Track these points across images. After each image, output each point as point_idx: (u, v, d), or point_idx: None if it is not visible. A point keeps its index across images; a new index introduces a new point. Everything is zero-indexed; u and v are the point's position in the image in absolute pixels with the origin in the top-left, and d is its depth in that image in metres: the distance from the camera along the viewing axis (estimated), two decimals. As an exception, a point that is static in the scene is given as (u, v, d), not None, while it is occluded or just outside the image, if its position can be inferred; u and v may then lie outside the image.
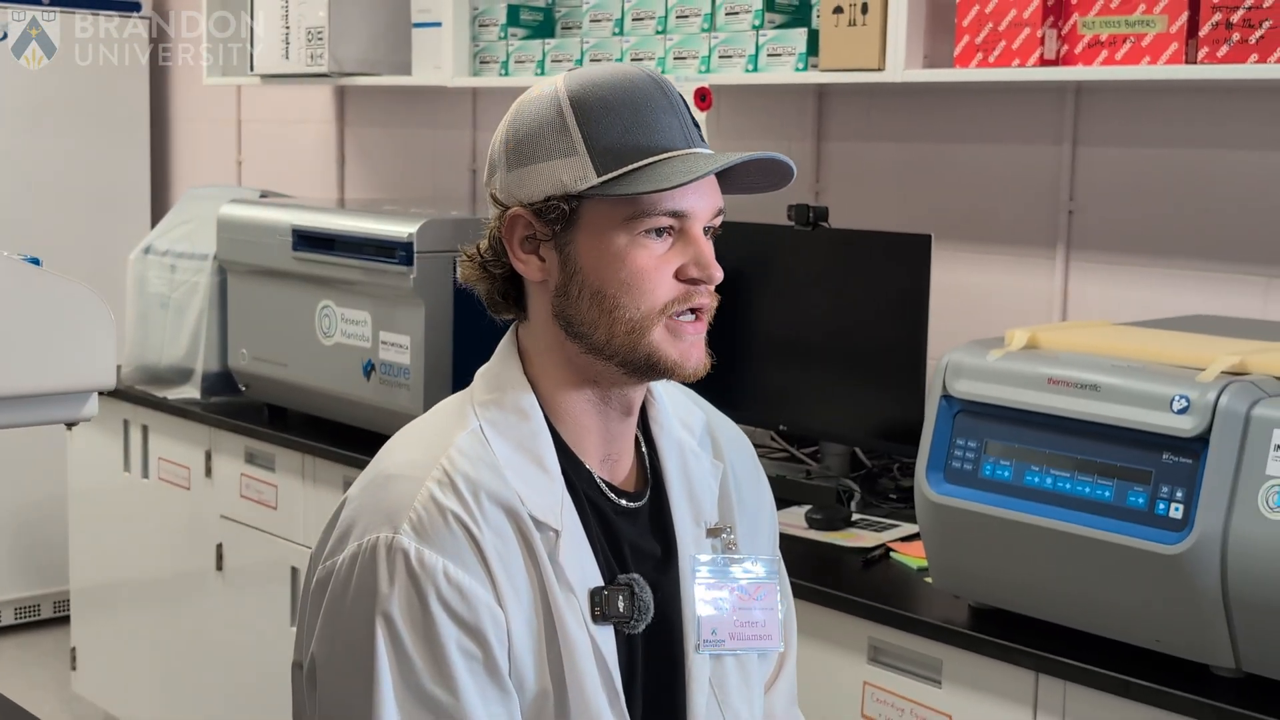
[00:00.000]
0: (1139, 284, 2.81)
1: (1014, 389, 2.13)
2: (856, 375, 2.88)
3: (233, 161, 4.98)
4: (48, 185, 4.92)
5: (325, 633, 1.42)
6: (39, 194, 4.90)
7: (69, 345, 1.65)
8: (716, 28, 3.03)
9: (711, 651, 1.52)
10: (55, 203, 4.93)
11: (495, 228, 1.48)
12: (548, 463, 1.45)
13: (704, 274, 1.43)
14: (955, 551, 2.22)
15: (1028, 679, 2.13)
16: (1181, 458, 1.95)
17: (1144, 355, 2.07)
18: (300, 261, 3.40)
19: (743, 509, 1.61)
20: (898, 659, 2.31)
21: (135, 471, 3.98)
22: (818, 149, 3.27)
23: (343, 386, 3.33)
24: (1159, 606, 1.98)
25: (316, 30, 3.83)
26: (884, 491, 2.90)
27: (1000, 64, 2.58)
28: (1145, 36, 2.41)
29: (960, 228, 3.05)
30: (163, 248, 3.93)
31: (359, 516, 1.43)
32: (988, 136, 3.01)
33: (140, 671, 4.06)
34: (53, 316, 1.63)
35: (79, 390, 1.69)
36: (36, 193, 4.89)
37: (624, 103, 1.41)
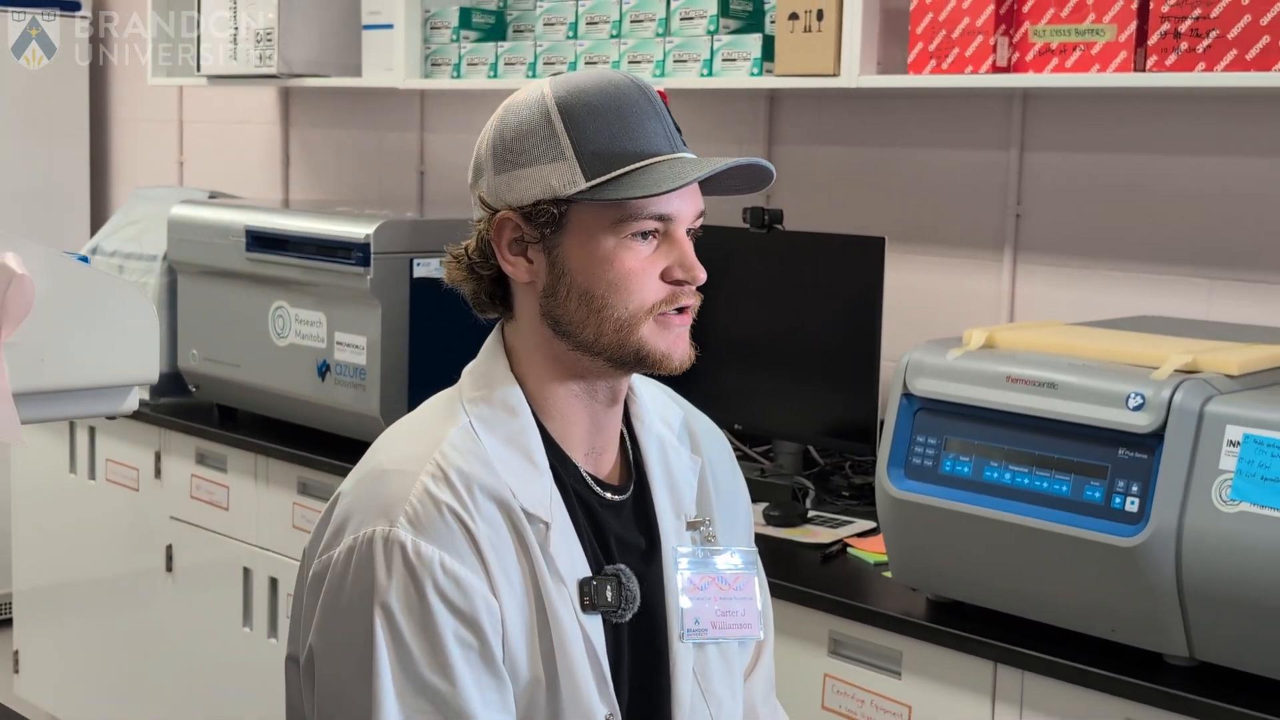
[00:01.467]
0: (1084, 286, 2.88)
1: (973, 387, 2.18)
2: (810, 375, 2.93)
3: (174, 162, 4.96)
4: (-13, 185, 4.88)
5: (323, 625, 1.45)
6: (-22, 194, 4.86)
7: (117, 341, 1.68)
8: (671, 32, 3.08)
9: (695, 640, 1.57)
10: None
11: (483, 230, 1.52)
12: (536, 457, 1.49)
13: (688, 275, 1.48)
14: (915, 545, 2.27)
15: (986, 669, 2.19)
16: (1137, 453, 2.01)
17: (1099, 354, 2.14)
18: (254, 262, 3.40)
19: (720, 502, 1.66)
20: (858, 651, 2.36)
21: (82, 473, 3.96)
22: (769, 153, 3.33)
23: (296, 387, 3.34)
24: (1115, 598, 2.04)
25: (265, 31, 3.83)
26: (837, 489, 2.95)
27: (953, 70, 2.64)
28: (1095, 45, 2.48)
29: (911, 231, 3.11)
30: (110, 248, 3.92)
31: (354, 510, 1.46)
32: (938, 142, 3.08)
33: (86, 674, 4.04)
34: (101, 313, 1.67)
35: (126, 384, 1.73)
36: (-25, 193, 4.86)
37: (610, 108, 1.45)
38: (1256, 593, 1.90)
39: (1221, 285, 2.71)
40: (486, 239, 1.51)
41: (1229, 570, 1.92)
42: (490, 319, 1.58)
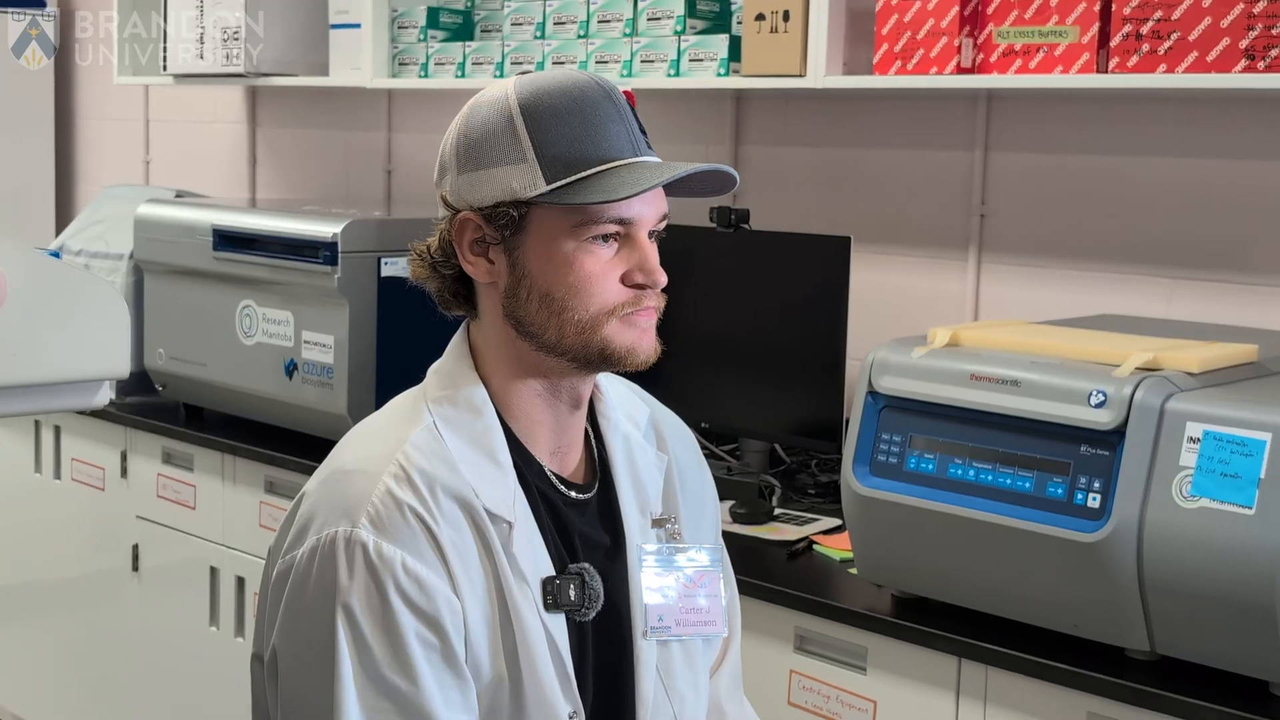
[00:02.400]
0: (1048, 285, 2.91)
1: (938, 385, 2.20)
2: (776, 374, 2.95)
3: (140, 161, 4.95)
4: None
5: (286, 625, 1.46)
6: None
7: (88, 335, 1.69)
8: (638, 33, 3.09)
9: (658, 638, 1.58)
10: (-42, 202, 4.87)
11: (445, 230, 1.52)
12: (500, 456, 1.50)
13: (649, 279, 1.49)
14: (880, 542, 2.29)
15: (950, 664, 2.21)
16: (1099, 450, 2.04)
17: (1062, 352, 2.16)
18: (221, 261, 3.40)
19: (686, 499, 1.67)
20: (823, 647, 2.38)
21: (47, 473, 3.95)
22: (735, 153, 3.34)
23: (264, 386, 3.34)
24: (1077, 593, 2.06)
25: (233, 30, 3.83)
26: (803, 487, 2.97)
27: (918, 71, 2.66)
28: (1058, 46, 2.51)
29: (876, 231, 3.13)
30: (76, 247, 3.90)
31: (317, 511, 1.47)
32: (904, 142, 3.10)
33: (53, 674, 4.02)
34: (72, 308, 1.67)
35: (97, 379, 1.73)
36: (-62, 191, 4.84)
37: (573, 111, 1.46)
38: (1216, 587, 1.92)
39: (1183, 285, 2.74)
40: (448, 238, 1.52)
41: (1189, 565, 1.94)
42: (457, 317, 1.59)
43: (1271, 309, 2.63)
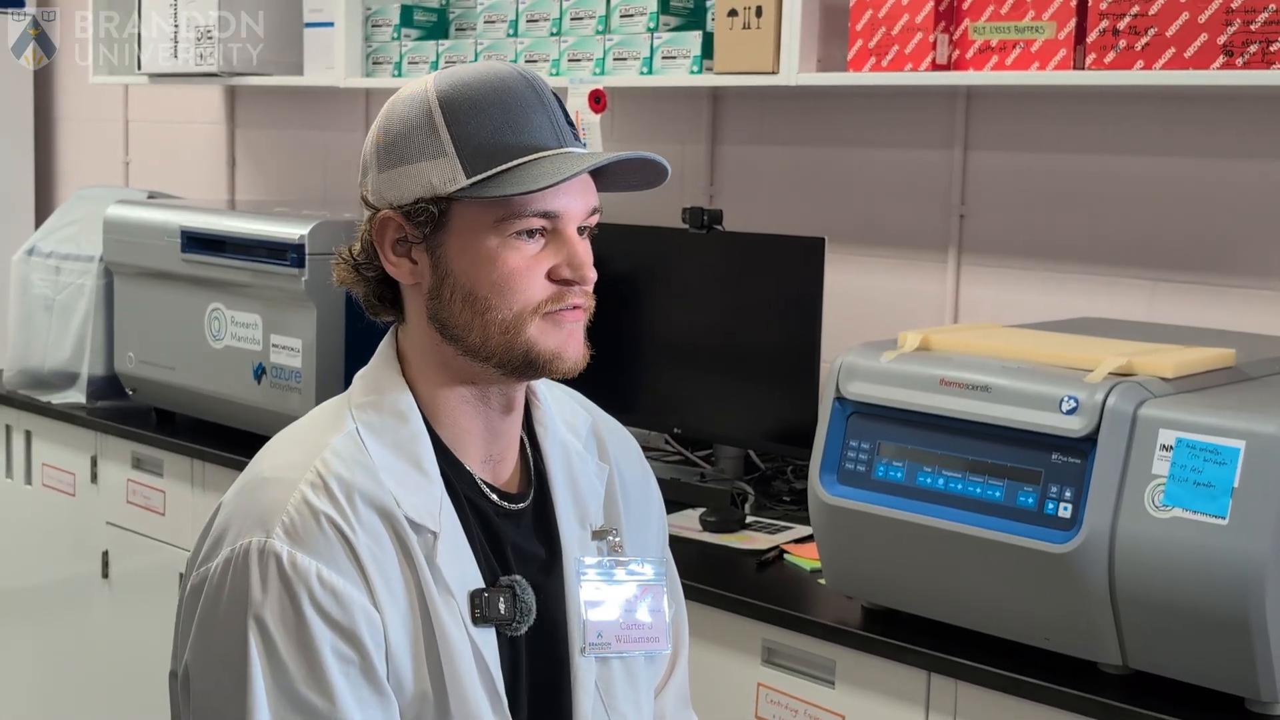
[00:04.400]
0: (1028, 287, 2.84)
1: (906, 390, 2.14)
2: (750, 378, 2.89)
3: (120, 162, 4.89)
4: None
5: (199, 640, 1.40)
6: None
7: None
8: (611, 30, 3.03)
9: (597, 654, 1.51)
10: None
11: (366, 230, 1.46)
12: (426, 465, 1.43)
13: (576, 275, 1.42)
14: (848, 552, 2.23)
15: (920, 678, 2.15)
16: (1070, 458, 1.97)
17: (1034, 357, 2.09)
18: (189, 263, 3.34)
19: (629, 511, 1.60)
20: (791, 660, 2.32)
21: (18, 478, 3.89)
22: (712, 152, 3.28)
23: (233, 390, 3.28)
24: (1048, 605, 2.00)
25: (206, 29, 3.77)
26: (778, 494, 2.91)
27: (893, 68, 2.60)
28: (1035, 42, 2.44)
29: (853, 231, 3.07)
30: (47, 249, 3.85)
31: (232, 521, 1.41)
32: (881, 141, 3.04)
33: (22, 681, 3.97)
34: None
35: None
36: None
37: (494, 102, 1.40)
38: (1189, 600, 1.86)
39: (1164, 286, 2.67)
40: (370, 240, 1.46)
41: (1162, 577, 1.88)
42: (385, 322, 1.53)
43: (1255, 310, 2.57)
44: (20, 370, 3.86)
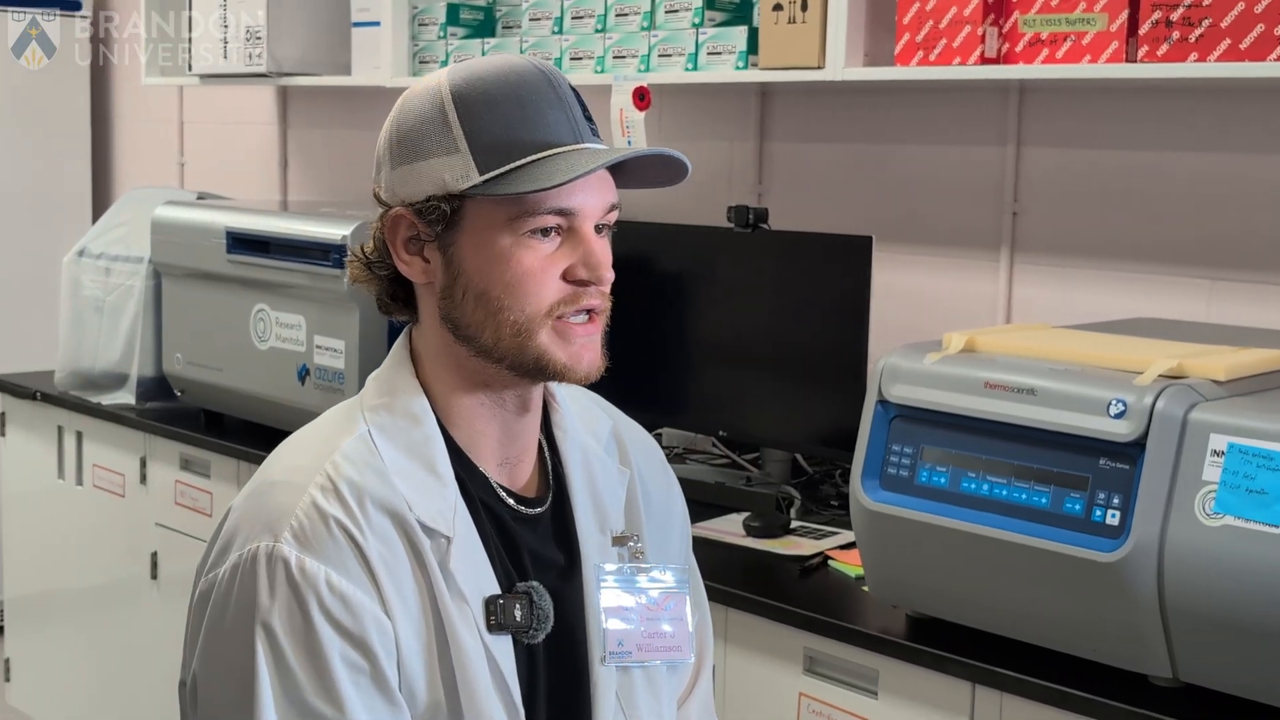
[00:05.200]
0: (1083, 287, 2.77)
1: (950, 393, 2.08)
2: (797, 380, 2.83)
3: (175, 163, 4.90)
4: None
5: (206, 648, 1.36)
6: (-22, 195, 4.82)
7: None
8: (656, 26, 2.98)
9: (617, 664, 1.47)
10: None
11: (378, 228, 1.43)
12: (439, 467, 1.39)
13: (593, 275, 1.37)
14: (891, 560, 2.17)
15: (964, 690, 2.08)
16: (1118, 463, 1.91)
17: (1082, 359, 2.03)
18: (235, 264, 3.33)
19: (650, 516, 1.56)
20: (833, 669, 2.26)
21: (69, 478, 3.89)
22: (760, 149, 3.23)
23: (278, 391, 3.26)
24: (1096, 615, 1.93)
25: (255, 30, 3.76)
26: (825, 498, 2.85)
27: (940, 62, 2.54)
28: (1086, 35, 2.37)
29: (903, 230, 3.00)
30: (97, 250, 3.85)
31: (240, 526, 1.37)
32: (931, 137, 2.97)
33: (74, 682, 3.97)
34: None
35: None
36: (-25, 194, 4.81)
37: (508, 97, 1.36)
38: (1241, 611, 1.78)
39: (1222, 286, 2.59)
40: (382, 237, 1.42)
41: (1213, 588, 1.81)
42: (400, 322, 1.49)
43: (1317, 311, 2.49)
44: (71, 371, 3.86)
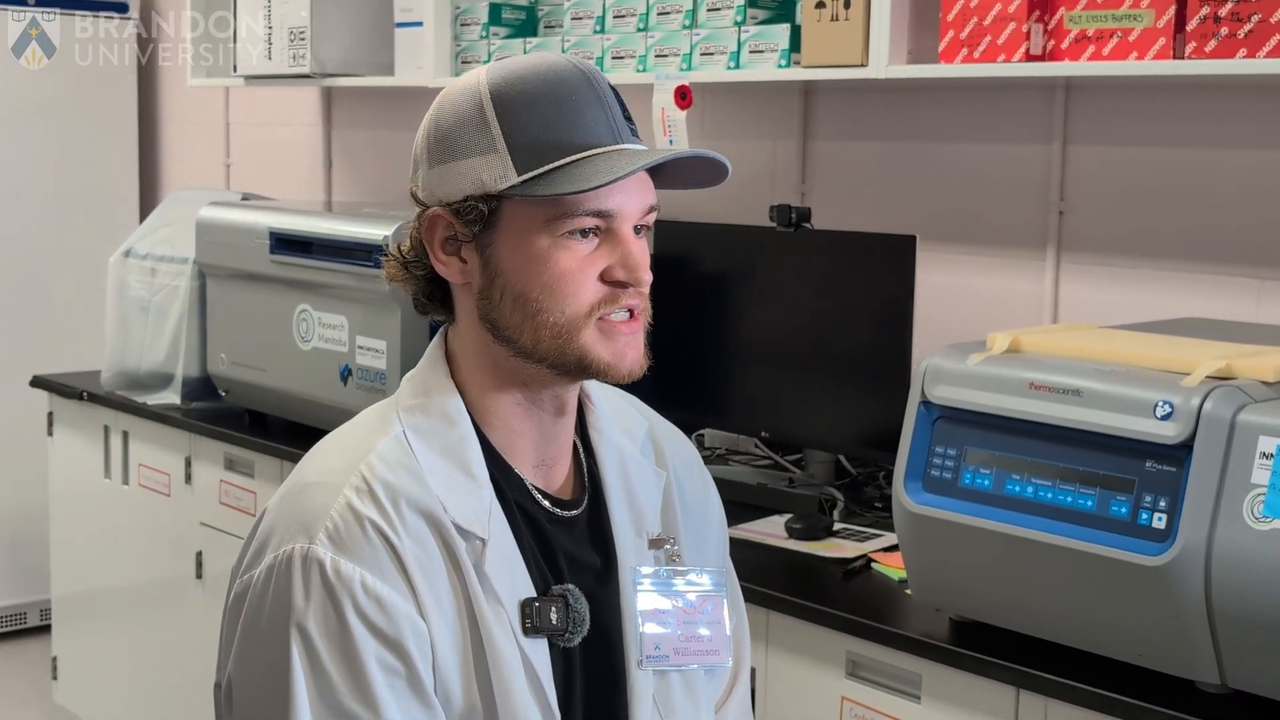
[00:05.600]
0: (1131, 286, 2.73)
1: (994, 394, 2.05)
2: (840, 380, 2.81)
3: (221, 164, 4.92)
4: (36, 187, 4.86)
5: (241, 650, 1.36)
6: (27, 196, 4.84)
7: None
8: (698, 24, 2.96)
9: (655, 668, 1.45)
10: (43, 205, 4.87)
11: (415, 228, 1.42)
12: (475, 469, 1.38)
13: (631, 277, 1.36)
14: (934, 563, 2.14)
15: (1008, 695, 2.06)
16: (1165, 466, 1.88)
17: (1129, 359, 2.00)
18: (278, 265, 3.33)
19: (687, 519, 1.54)
20: (876, 673, 2.24)
21: (116, 478, 3.92)
22: (804, 148, 3.20)
23: (321, 392, 3.26)
24: (1142, 620, 1.90)
25: (299, 30, 3.76)
26: (869, 500, 2.82)
27: (985, 59, 2.51)
28: (1132, 31, 2.34)
29: (949, 229, 2.98)
30: (143, 251, 3.87)
31: (276, 527, 1.37)
32: (976, 135, 2.94)
33: (120, 681, 4.00)
34: None
35: None
36: (25, 195, 4.84)
37: (547, 97, 1.34)
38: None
39: (1272, 285, 2.55)
40: (419, 237, 1.41)
41: (1261, 592, 1.77)
42: (436, 322, 1.48)
43: (1370, 311, 2.44)
44: (117, 371, 3.89)
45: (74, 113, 4.92)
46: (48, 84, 4.84)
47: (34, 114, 4.83)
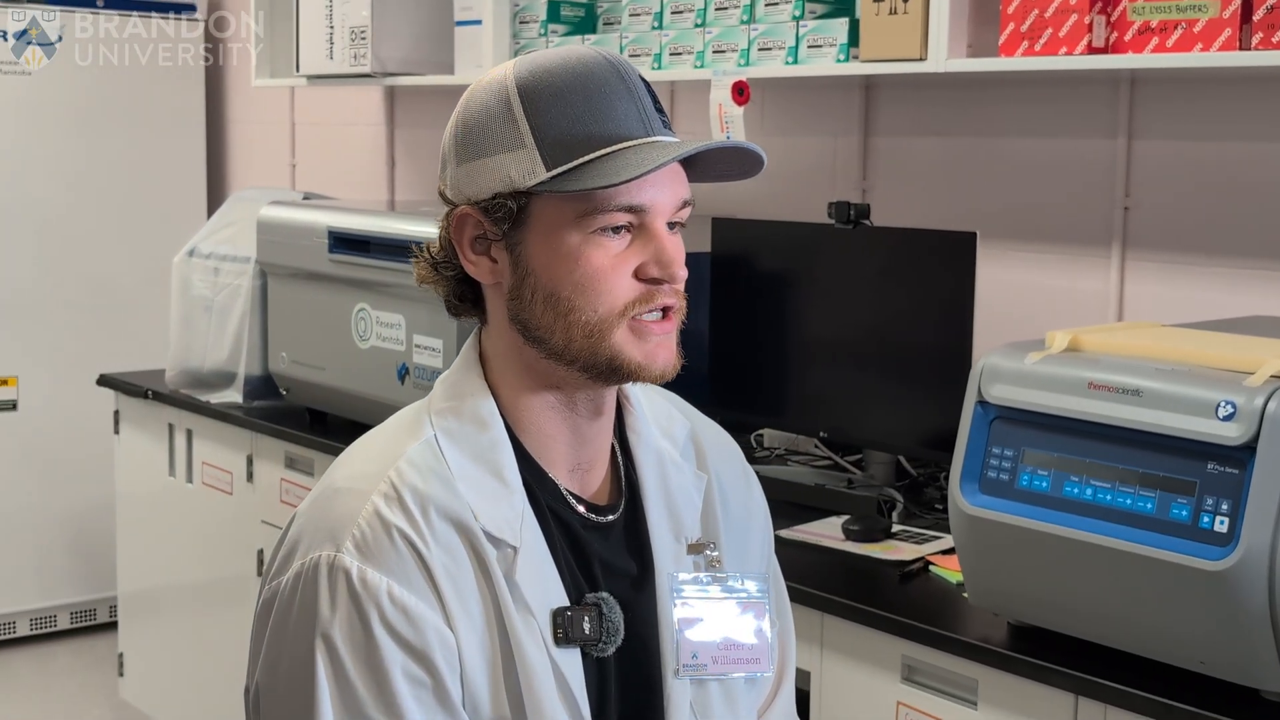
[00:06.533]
0: (1197, 283, 2.67)
1: (1053, 394, 2.01)
2: (900, 380, 2.77)
3: (286, 164, 4.94)
4: (106, 188, 4.91)
5: (268, 658, 1.34)
6: (98, 197, 4.89)
7: None
8: (756, 19, 2.93)
9: (692, 676, 1.42)
10: (112, 205, 4.92)
11: (444, 227, 1.39)
12: (507, 474, 1.35)
13: (665, 273, 1.32)
14: (991, 566, 2.10)
15: (1066, 701, 2.01)
16: (1227, 467, 1.82)
17: (1191, 358, 1.94)
18: (336, 264, 3.33)
19: (729, 523, 1.50)
20: (932, 678, 2.20)
21: (180, 476, 3.94)
22: (864, 144, 3.16)
23: (379, 391, 3.26)
24: (1203, 626, 1.85)
25: (359, 30, 3.76)
26: (929, 502, 2.78)
27: (1046, 52, 2.46)
28: (1197, 22, 2.28)
29: (1012, 225, 2.92)
30: (206, 250, 3.89)
31: (304, 533, 1.35)
32: (1040, 130, 2.89)
33: (183, 678, 4.02)
34: None
35: None
36: (95, 195, 4.89)
37: (575, 90, 1.31)
38: (1358, 625, 1.70)
39: (1344, 282, 2.48)
40: (448, 236, 1.39)
41: (1327, 600, 1.72)
42: (469, 323, 1.46)
43: None
44: (181, 370, 3.90)
45: (143, 113, 4.96)
46: (117, 84, 4.88)
47: (103, 114, 4.87)
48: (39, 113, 4.77)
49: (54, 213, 4.81)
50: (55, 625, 4.93)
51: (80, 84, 4.81)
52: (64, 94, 4.79)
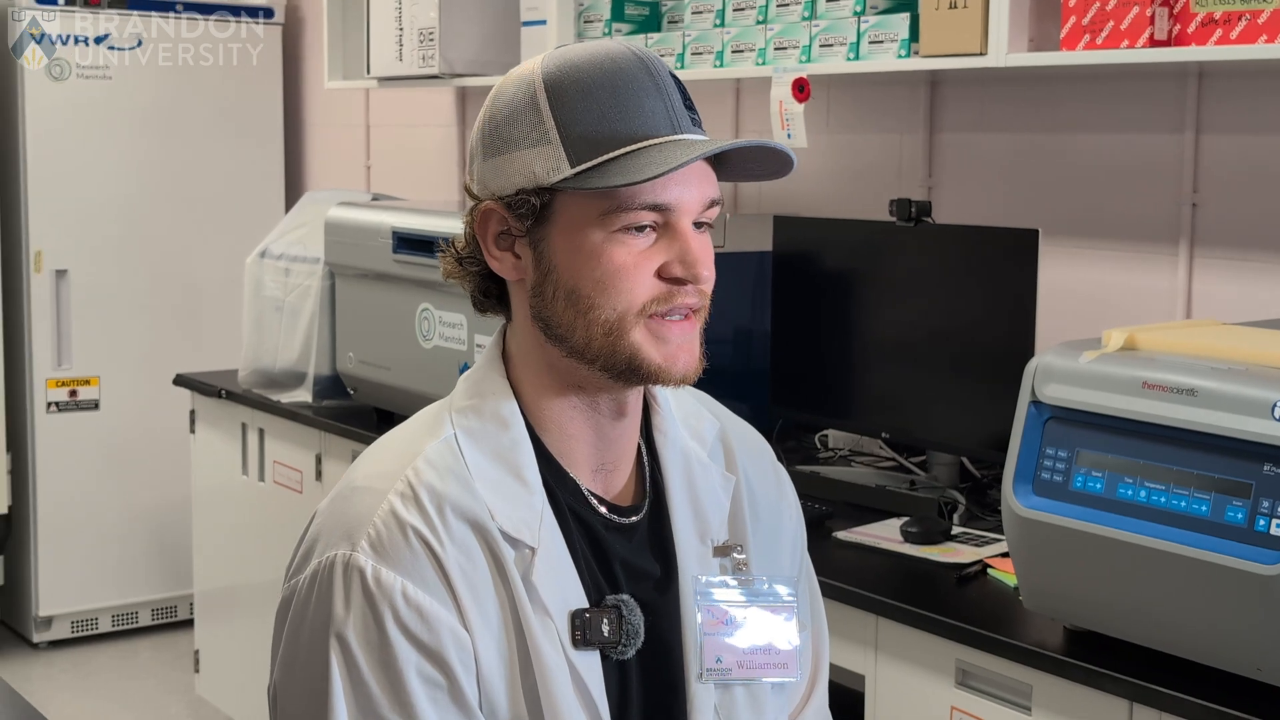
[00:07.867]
0: (1268, 281, 2.61)
1: (1107, 394, 1.96)
2: (962, 380, 2.72)
3: (361, 166, 4.97)
4: (185, 189, 4.97)
5: (285, 657, 1.34)
6: (177, 198, 4.95)
7: None
8: (817, 16, 2.90)
9: (716, 680, 1.39)
10: (192, 207, 4.98)
11: (469, 222, 1.38)
12: (526, 474, 1.34)
13: (689, 273, 1.30)
14: (1045, 570, 2.06)
15: (1121, 708, 1.97)
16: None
17: (1249, 357, 1.90)
18: (401, 264, 3.35)
19: (757, 525, 1.47)
20: (986, 683, 2.16)
21: (253, 474, 3.97)
22: (929, 141, 3.12)
23: (442, 390, 3.18)
24: (1259, 632, 1.80)
25: (428, 31, 3.78)
26: (992, 503, 2.73)
27: (1108, 46, 2.41)
28: (1262, 13, 2.23)
29: (1077, 222, 2.87)
30: (278, 251, 3.92)
31: (322, 532, 1.34)
32: (1105, 125, 2.83)
33: (257, 674, 4.04)
34: None
35: None
36: (174, 197, 4.95)
37: (602, 85, 1.29)
38: None
39: None
40: (472, 232, 1.38)
41: (1386, 606, 1.67)
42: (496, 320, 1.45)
43: None
44: (253, 370, 3.94)
45: (222, 115, 5.01)
46: (196, 87, 4.94)
47: (183, 117, 4.93)
48: (120, 115, 4.84)
49: (135, 215, 4.88)
50: (137, 621, 5.00)
51: (160, 87, 4.87)
52: (144, 97, 4.86)
